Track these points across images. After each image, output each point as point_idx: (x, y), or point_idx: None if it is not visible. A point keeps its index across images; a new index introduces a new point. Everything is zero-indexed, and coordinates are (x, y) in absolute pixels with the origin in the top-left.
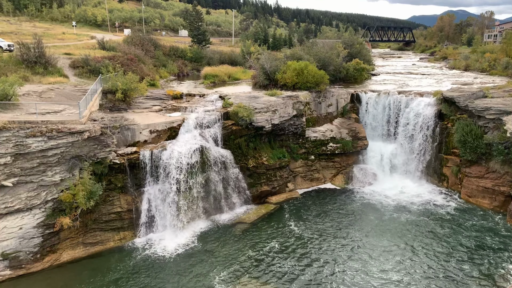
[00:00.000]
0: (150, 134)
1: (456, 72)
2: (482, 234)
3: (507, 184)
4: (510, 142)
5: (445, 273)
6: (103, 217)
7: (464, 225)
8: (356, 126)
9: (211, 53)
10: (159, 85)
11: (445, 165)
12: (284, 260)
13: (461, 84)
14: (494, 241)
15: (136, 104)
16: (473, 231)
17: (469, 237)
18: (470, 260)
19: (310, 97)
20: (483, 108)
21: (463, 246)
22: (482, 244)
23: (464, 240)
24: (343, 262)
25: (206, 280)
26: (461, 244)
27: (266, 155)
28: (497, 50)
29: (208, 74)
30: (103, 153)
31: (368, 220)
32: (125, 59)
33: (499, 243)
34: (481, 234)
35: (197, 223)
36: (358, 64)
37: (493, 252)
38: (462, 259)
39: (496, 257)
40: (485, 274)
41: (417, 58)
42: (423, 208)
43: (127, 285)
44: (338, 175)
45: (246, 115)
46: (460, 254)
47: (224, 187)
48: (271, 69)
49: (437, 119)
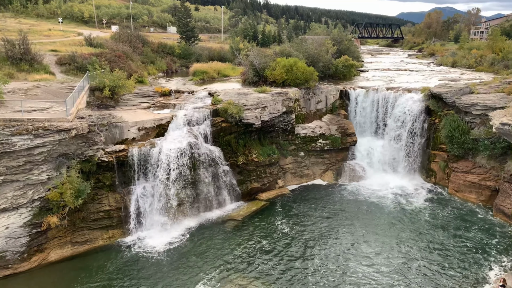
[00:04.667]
0: (139, 131)
1: (443, 69)
2: (469, 228)
3: (493, 179)
4: (496, 137)
5: (429, 265)
6: (92, 216)
7: (451, 220)
8: (345, 122)
9: (200, 50)
10: (147, 82)
11: (433, 161)
12: (274, 257)
13: (448, 81)
14: (480, 234)
15: (124, 101)
16: (460, 225)
17: (456, 231)
18: (456, 253)
19: (299, 93)
20: (470, 104)
21: (449, 240)
22: (468, 237)
23: (451, 234)
24: (331, 258)
25: (196, 277)
26: (448, 238)
27: (256, 152)
28: (483, 46)
29: (197, 70)
30: (90, 151)
31: (356, 216)
32: (113, 56)
33: (485, 237)
34: (468, 228)
35: (187, 221)
36: (347, 61)
37: (479, 246)
38: (448, 253)
39: (481, 250)
40: (470, 268)
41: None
42: (411, 203)
43: (116, 284)
44: (328, 171)
45: (235, 112)
46: (446, 248)
47: (214, 184)
48: (261, 65)
49: (424, 115)
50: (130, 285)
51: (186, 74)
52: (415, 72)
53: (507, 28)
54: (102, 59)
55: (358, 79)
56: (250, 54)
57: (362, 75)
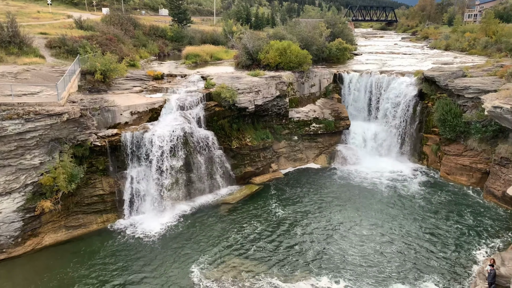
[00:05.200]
0: (131, 115)
1: (436, 52)
2: (460, 210)
3: (484, 162)
4: (487, 121)
5: (419, 247)
6: (85, 200)
7: (442, 202)
8: (338, 106)
9: (192, 33)
10: (139, 66)
11: (425, 144)
12: (267, 239)
13: (442, 64)
14: (470, 216)
15: (116, 85)
16: (450, 207)
17: (447, 214)
18: (447, 235)
19: (293, 77)
20: (463, 87)
21: (440, 222)
22: (459, 219)
23: (442, 216)
24: (324, 240)
25: (189, 260)
26: (439, 220)
27: (250, 136)
28: (476, 29)
29: (189, 54)
30: (83, 135)
31: (348, 198)
32: (104, 39)
33: (475, 218)
34: (459, 210)
35: (181, 204)
36: (341, 44)
37: (470, 227)
38: (439, 234)
39: (472, 232)
40: (460, 249)
41: (399, 37)
42: (404, 185)
43: (111, 267)
44: (321, 155)
45: (229, 96)
46: (437, 230)
47: (208, 168)
48: (254, 49)
49: (417, 99)
50: (124, 268)
51: (178, 58)
52: (409, 56)
53: (500, 11)
54: (93, 42)
55: (351, 62)
56: (243, 37)
57: (356, 58)
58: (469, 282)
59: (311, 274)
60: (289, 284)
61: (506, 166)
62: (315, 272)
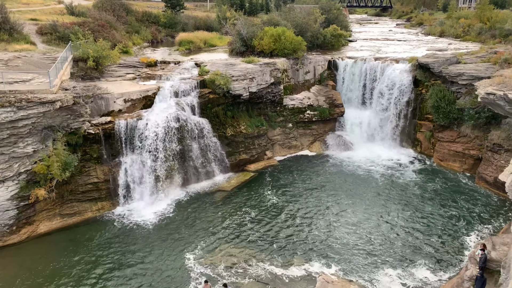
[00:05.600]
0: (125, 103)
1: (431, 38)
2: (452, 196)
3: (477, 148)
4: (480, 107)
5: (412, 233)
6: (80, 188)
7: (435, 188)
8: (333, 93)
9: (185, 19)
10: (132, 52)
11: (419, 131)
12: (262, 226)
13: (436, 50)
14: (463, 202)
15: (109, 72)
16: (443, 193)
17: (440, 199)
18: (439, 221)
19: (287, 64)
20: (456, 74)
21: (433, 208)
22: (451, 205)
23: (435, 202)
24: (318, 226)
25: (185, 247)
26: (432, 206)
27: (244, 123)
28: (471, 15)
29: (183, 40)
30: (76, 123)
31: (343, 185)
32: (96, 25)
33: (467, 204)
34: (451, 196)
35: (176, 192)
36: (336, 30)
37: (462, 213)
38: (431, 220)
39: (464, 217)
40: (452, 234)
41: (394, 24)
42: (397, 172)
43: (105, 255)
44: (315, 142)
45: (223, 83)
46: (430, 216)
47: (202, 156)
48: (248, 35)
49: (412, 86)
50: (119, 255)
51: (172, 44)
52: (403, 42)
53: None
54: (85, 28)
55: (346, 49)
56: (237, 23)
57: (351, 45)
58: (460, 267)
59: (304, 260)
60: (282, 269)
61: (498, 152)
62: (308, 257)
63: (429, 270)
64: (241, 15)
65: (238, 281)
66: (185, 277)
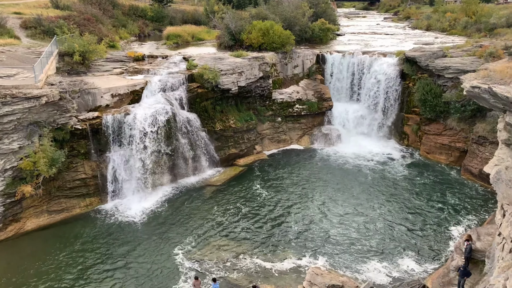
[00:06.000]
0: (112, 98)
1: (418, 32)
2: (438, 188)
3: (462, 140)
4: (466, 100)
5: (398, 225)
6: (67, 184)
7: (421, 180)
8: (321, 87)
9: (173, 12)
10: (119, 47)
11: (406, 124)
12: (251, 220)
13: (423, 44)
14: (449, 194)
15: (95, 67)
16: (430, 185)
17: (426, 192)
18: (425, 213)
19: (276, 58)
20: (443, 68)
21: (419, 200)
22: (437, 197)
23: (421, 194)
24: (306, 220)
25: (174, 243)
26: (418, 198)
27: (233, 118)
28: (457, 9)
29: (170, 34)
30: (63, 118)
31: (331, 179)
32: (82, 19)
33: (453, 196)
34: (437, 188)
35: (165, 187)
36: (324, 24)
37: (448, 205)
38: (418, 212)
39: (450, 209)
40: (438, 226)
41: (381, 18)
42: (384, 165)
43: (93, 251)
44: (304, 136)
45: (211, 77)
46: (416, 208)
47: (192, 150)
48: (236, 29)
49: (399, 79)
50: (107, 252)
51: (159, 38)
52: (391, 36)
53: None
54: (71, 22)
55: (334, 43)
56: (225, 17)
57: (339, 39)
58: (446, 257)
59: (294, 253)
60: (272, 263)
61: (483, 145)
62: (297, 250)
63: (415, 261)
64: (229, 8)
65: (227, 275)
66: (174, 273)
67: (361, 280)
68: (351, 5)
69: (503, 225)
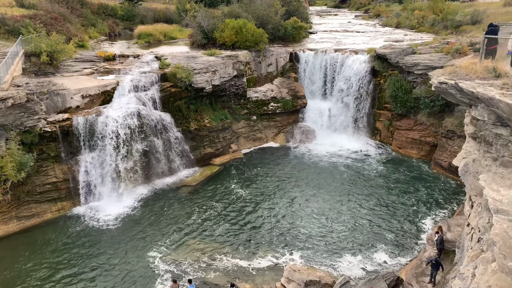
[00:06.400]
0: (83, 99)
1: (388, 30)
2: (410, 182)
3: (432, 135)
4: (435, 96)
5: (373, 220)
6: (37, 189)
7: (394, 174)
8: (295, 85)
9: (144, 11)
10: (89, 46)
11: (378, 120)
12: (227, 220)
13: (393, 41)
14: (420, 186)
15: (64, 67)
16: (402, 179)
17: (399, 186)
18: (399, 207)
19: (250, 56)
20: (412, 64)
21: (392, 195)
22: (410, 191)
23: (394, 189)
24: (282, 218)
25: (149, 245)
26: (391, 192)
27: (208, 117)
28: (425, 7)
29: (142, 33)
30: (31, 121)
31: (306, 176)
32: (49, 18)
33: (425, 189)
34: (409, 182)
35: (139, 189)
36: (296, 23)
37: (419, 198)
38: (390, 207)
39: (422, 203)
40: (411, 220)
41: (353, 15)
42: (358, 161)
43: (65, 257)
44: (280, 134)
45: (184, 76)
46: (389, 203)
47: (166, 151)
48: (209, 27)
49: (370, 76)
50: (80, 257)
51: (130, 37)
52: (362, 33)
53: None
54: (37, 21)
55: (307, 41)
56: (197, 15)
57: (311, 37)
58: (419, 249)
59: (270, 251)
60: (249, 261)
61: (452, 139)
62: (274, 248)
63: (388, 255)
64: (202, 7)
65: (204, 275)
66: (150, 276)
67: (338, 275)
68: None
69: (472, 216)
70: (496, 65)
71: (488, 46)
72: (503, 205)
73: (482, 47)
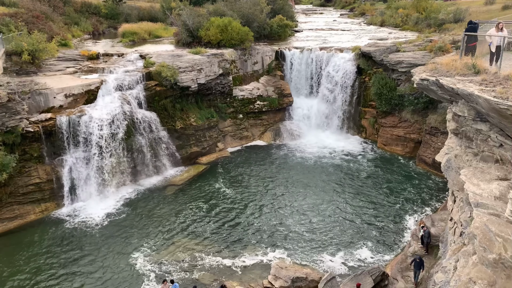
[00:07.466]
0: (66, 98)
1: (373, 28)
2: (395, 178)
3: (416, 132)
4: (419, 93)
5: (359, 218)
6: (20, 190)
7: (379, 171)
8: (281, 83)
9: (128, 9)
10: (72, 45)
11: (363, 117)
12: (214, 219)
13: (377, 40)
14: (405, 183)
15: (47, 66)
16: (387, 176)
17: (383, 182)
18: (384, 204)
19: (235, 54)
20: (396, 62)
21: (376, 191)
22: (394, 188)
23: (379, 185)
24: (268, 217)
25: (134, 246)
26: (375, 189)
27: (194, 115)
28: (409, 6)
29: (126, 32)
30: (12, 121)
31: (293, 174)
32: (30, 16)
33: (409, 185)
34: (394, 178)
35: (125, 188)
36: (282, 21)
37: (404, 194)
38: (375, 204)
39: (407, 199)
40: (396, 216)
41: (338, 14)
42: (343, 158)
43: (49, 259)
44: (266, 132)
45: (170, 75)
46: (374, 199)
47: (152, 150)
48: (194, 25)
49: (355, 74)
50: (64, 259)
51: (114, 36)
52: (347, 32)
53: None
54: (18, 20)
55: (293, 39)
56: (182, 14)
57: (297, 35)
58: (404, 245)
59: (256, 248)
60: (235, 260)
61: (435, 135)
62: (260, 246)
63: (374, 251)
64: (186, 5)
65: (190, 275)
66: (135, 277)
67: (323, 271)
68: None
69: (454, 210)
70: (476, 61)
71: (468, 43)
72: (483, 199)
73: (462, 44)
